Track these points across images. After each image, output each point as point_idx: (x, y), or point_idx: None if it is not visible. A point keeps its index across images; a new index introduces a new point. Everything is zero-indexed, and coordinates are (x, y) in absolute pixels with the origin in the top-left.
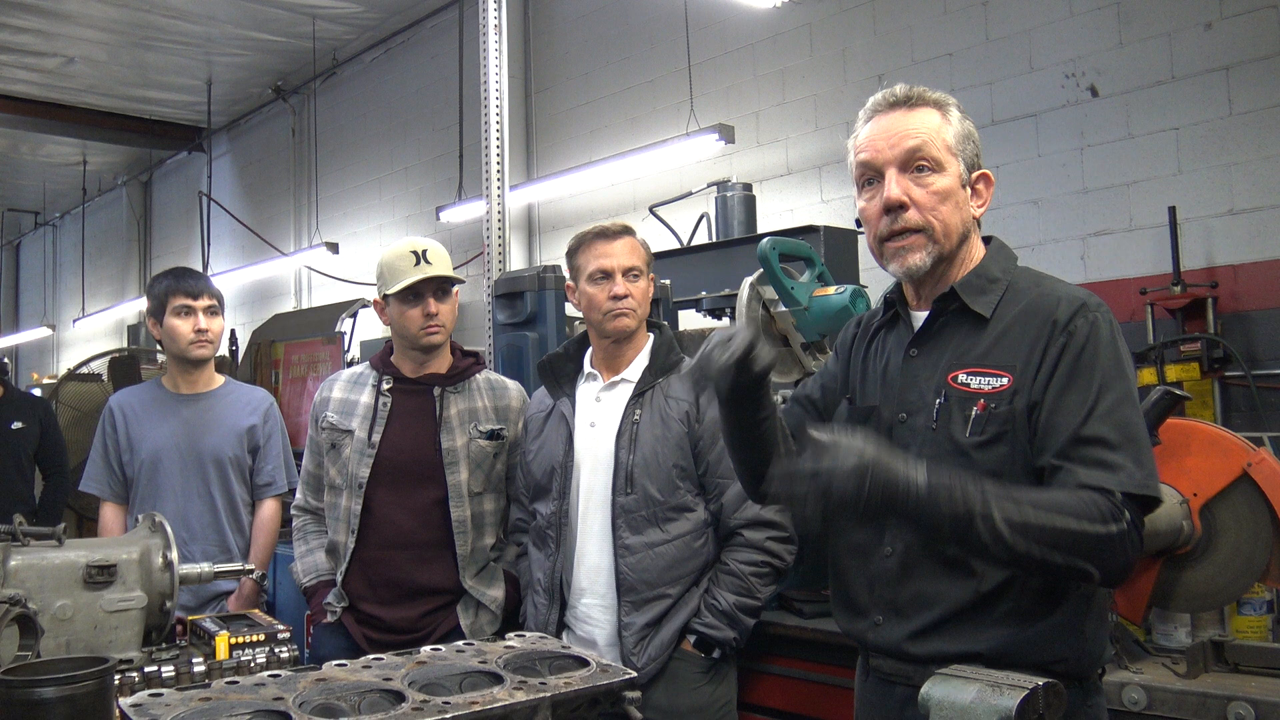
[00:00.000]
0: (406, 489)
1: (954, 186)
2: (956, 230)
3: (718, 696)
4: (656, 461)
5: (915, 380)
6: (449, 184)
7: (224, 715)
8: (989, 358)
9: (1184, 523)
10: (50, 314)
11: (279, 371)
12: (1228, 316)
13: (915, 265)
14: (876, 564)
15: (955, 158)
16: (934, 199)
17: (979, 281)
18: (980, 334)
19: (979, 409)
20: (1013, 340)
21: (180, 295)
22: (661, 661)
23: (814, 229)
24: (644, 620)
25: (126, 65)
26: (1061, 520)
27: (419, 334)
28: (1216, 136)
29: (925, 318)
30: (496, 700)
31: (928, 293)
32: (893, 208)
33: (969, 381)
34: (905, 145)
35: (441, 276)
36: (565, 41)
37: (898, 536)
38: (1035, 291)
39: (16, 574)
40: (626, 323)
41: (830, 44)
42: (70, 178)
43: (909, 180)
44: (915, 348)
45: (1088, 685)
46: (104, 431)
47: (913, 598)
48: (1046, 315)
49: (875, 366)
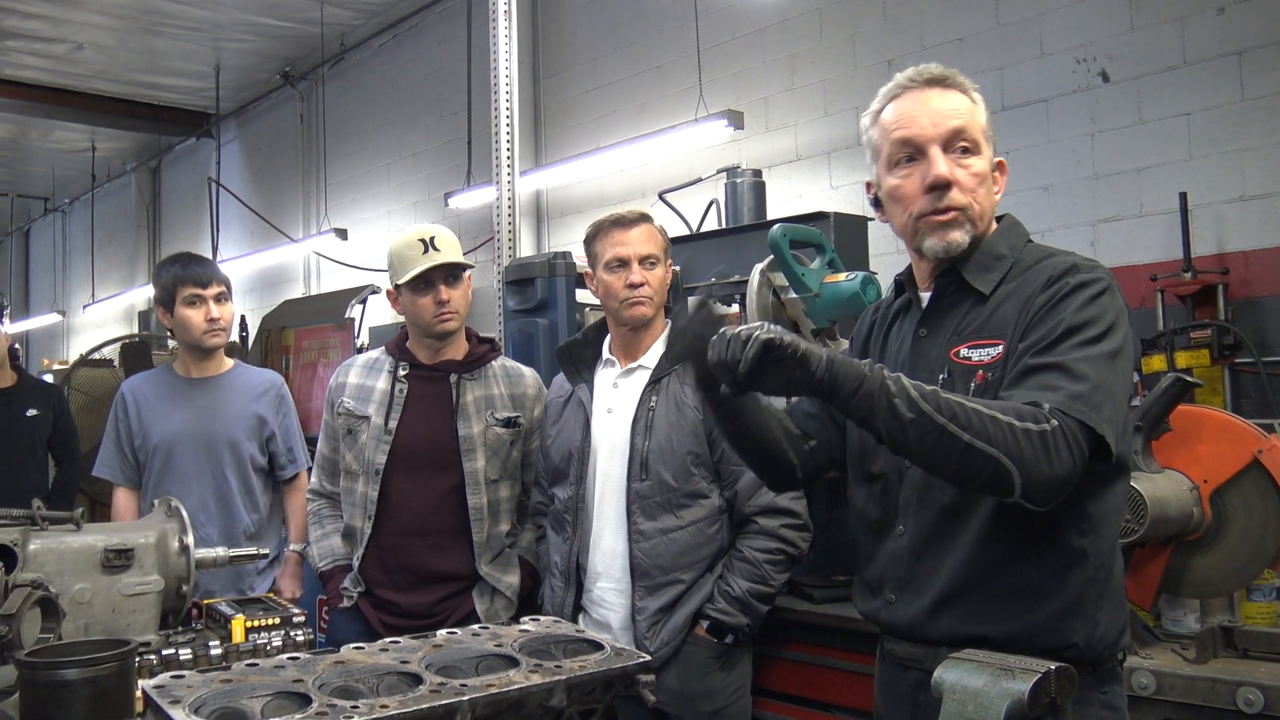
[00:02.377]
0: (423, 476)
1: (988, 171)
2: (989, 214)
3: (730, 681)
4: (671, 448)
5: (925, 360)
6: (457, 170)
7: (245, 696)
8: (985, 329)
9: (1194, 509)
10: (60, 300)
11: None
12: (1238, 303)
13: (957, 241)
14: (890, 543)
15: (987, 142)
16: (974, 180)
17: (983, 259)
18: (981, 308)
19: (978, 380)
20: (1008, 310)
21: (189, 284)
22: (674, 646)
23: (824, 215)
24: (657, 605)
25: (135, 51)
26: (979, 406)
27: (433, 322)
28: (1228, 122)
29: (928, 298)
30: (513, 683)
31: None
32: (939, 185)
33: (970, 355)
34: (949, 125)
35: (451, 263)
36: (574, 27)
37: (910, 516)
38: (1036, 265)
39: (36, 558)
40: (643, 310)
41: (840, 29)
42: (79, 164)
43: (952, 160)
44: (924, 327)
45: (1102, 672)
46: (116, 417)
47: (922, 574)
48: (1037, 280)
49: (893, 352)
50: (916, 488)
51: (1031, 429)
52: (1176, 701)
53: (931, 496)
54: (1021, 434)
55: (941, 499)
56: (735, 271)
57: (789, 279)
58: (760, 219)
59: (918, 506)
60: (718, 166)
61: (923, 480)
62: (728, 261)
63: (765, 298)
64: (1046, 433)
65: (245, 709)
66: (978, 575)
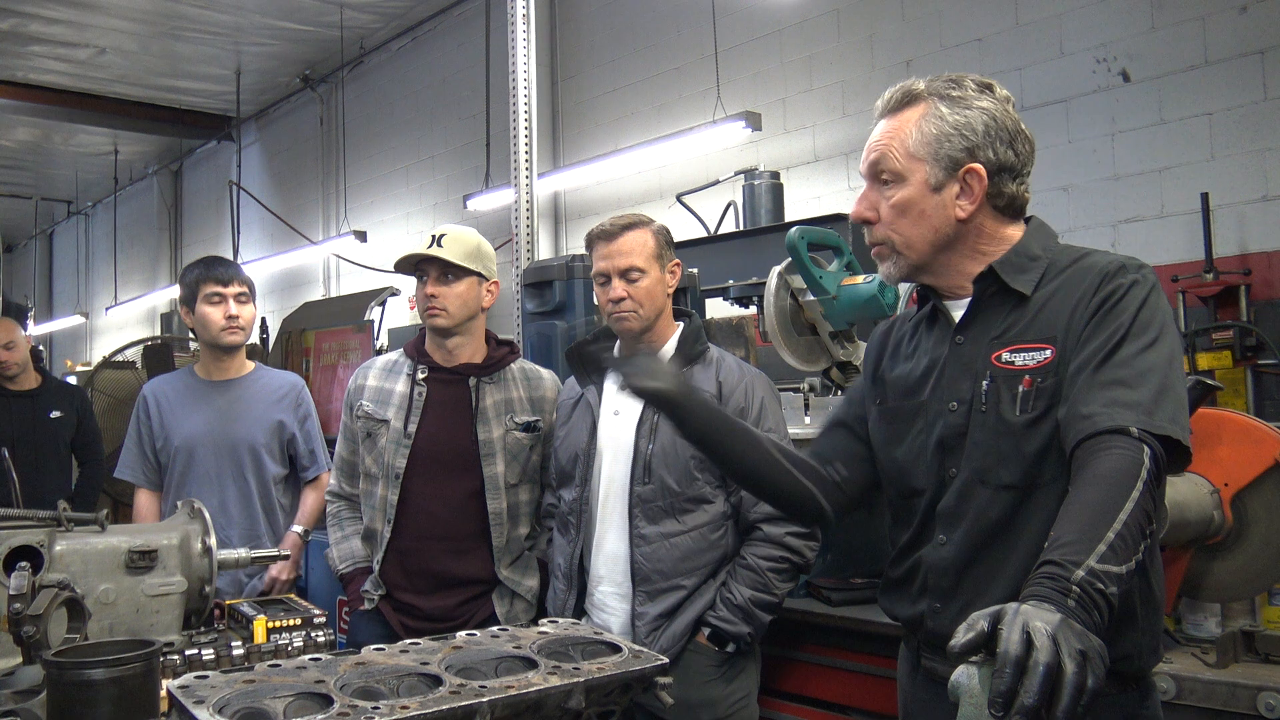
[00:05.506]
0: (442, 480)
1: (913, 196)
2: (923, 240)
3: (732, 691)
4: (675, 452)
5: (966, 367)
6: (476, 172)
7: (268, 697)
8: (1030, 332)
9: (1215, 512)
10: (83, 302)
11: (310, 360)
12: (1261, 304)
13: (889, 274)
14: (930, 551)
15: (922, 163)
16: (891, 213)
17: (1019, 260)
18: (1022, 311)
19: (1025, 385)
20: (1052, 312)
21: (211, 283)
22: (674, 653)
23: (842, 217)
24: (657, 610)
25: (157, 55)
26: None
27: (423, 315)
28: (1250, 121)
29: (968, 303)
30: (531, 684)
31: (945, 286)
32: (857, 222)
33: (1013, 359)
34: (869, 159)
35: (440, 259)
36: (591, 28)
37: (952, 524)
38: (1076, 264)
39: (61, 558)
40: (627, 325)
41: (858, 29)
42: (102, 167)
43: (878, 192)
44: (961, 334)
45: (1144, 685)
46: (138, 419)
47: (970, 584)
48: (1084, 281)
49: (916, 364)
50: (961, 497)
51: (1150, 466)
52: (1197, 706)
53: (979, 507)
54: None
55: (990, 510)
56: (753, 274)
57: (807, 281)
58: (778, 221)
59: (962, 516)
60: (735, 168)
61: (968, 490)
62: (745, 263)
63: (783, 300)
64: (1152, 475)
65: (268, 709)
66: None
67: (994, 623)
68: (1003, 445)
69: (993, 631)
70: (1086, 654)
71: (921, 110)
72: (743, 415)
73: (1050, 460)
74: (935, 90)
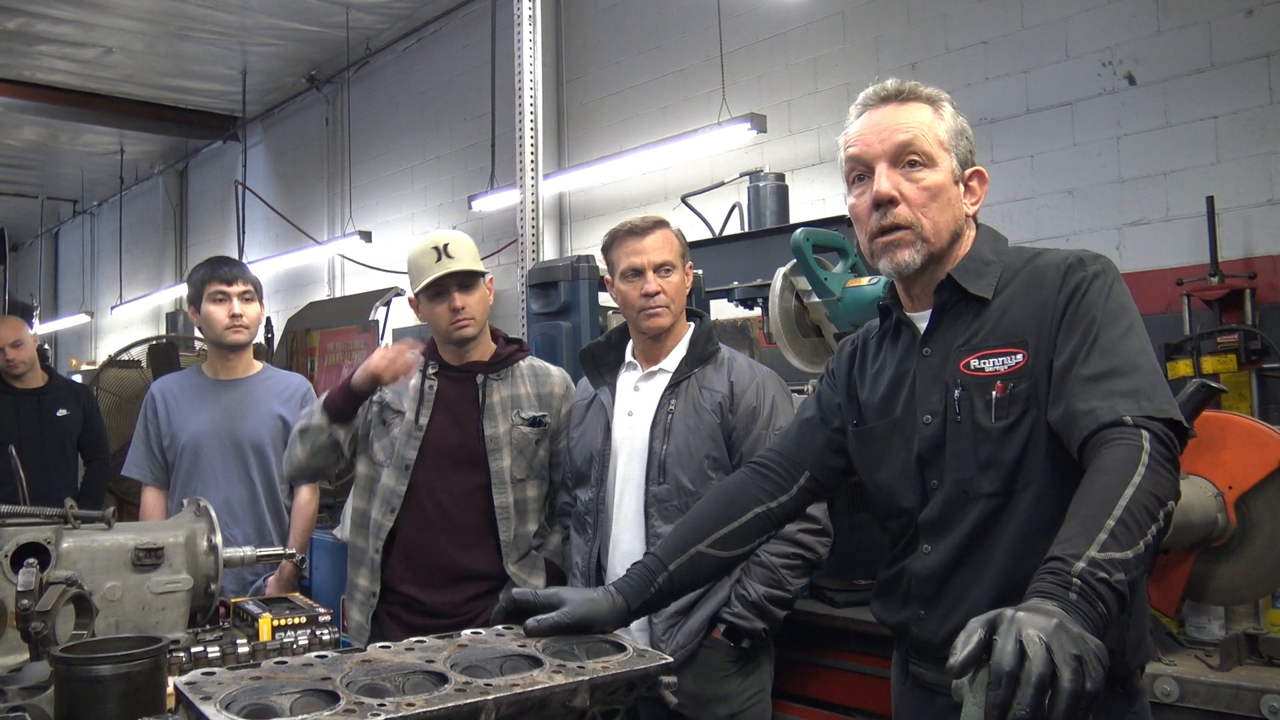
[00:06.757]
0: (450, 473)
1: (945, 183)
2: (947, 228)
3: (747, 686)
4: (689, 451)
5: (935, 378)
6: (481, 173)
7: (275, 693)
8: (995, 337)
9: (1219, 515)
10: (89, 301)
11: (314, 359)
12: (1266, 308)
13: (905, 262)
14: (916, 560)
15: (948, 153)
16: (924, 195)
17: (974, 265)
18: (984, 316)
19: (998, 391)
20: (1018, 315)
21: (216, 282)
22: (690, 649)
23: (846, 219)
24: (674, 608)
25: (163, 55)
26: (1129, 500)
27: (449, 329)
28: (1256, 125)
29: (930, 314)
30: (536, 683)
31: (919, 292)
32: (882, 202)
33: (982, 365)
34: (896, 139)
35: (463, 270)
36: (597, 30)
37: (935, 534)
38: (1031, 265)
39: (68, 556)
40: (660, 321)
41: (863, 32)
42: (108, 166)
43: (899, 175)
44: (927, 346)
45: (1130, 687)
46: (145, 417)
47: (952, 592)
48: (1045, 280)
49: (883, 381)
50: (945, 508)
51: (1152, 452)
52: (1200, 709)
53: (960, 517)
54: (1157, 462)
55: (970, 519)
56: (758, 275)
57: (812, 283)
58: (783, 223)
59: (946, 526)
60: (740, 170)
61: (951, 500)
62: (750, 265)
63: (788, 302)
64: (1156, 455)
65: (275, 705)
66: (1014, 590)
67: (990, 631)
68: (981, 453)
69: (990, 639)
70: (1082, 658)
71: (931, 108)
72: (755, 415)
73: (1028, 464)
74: (929, 95)
